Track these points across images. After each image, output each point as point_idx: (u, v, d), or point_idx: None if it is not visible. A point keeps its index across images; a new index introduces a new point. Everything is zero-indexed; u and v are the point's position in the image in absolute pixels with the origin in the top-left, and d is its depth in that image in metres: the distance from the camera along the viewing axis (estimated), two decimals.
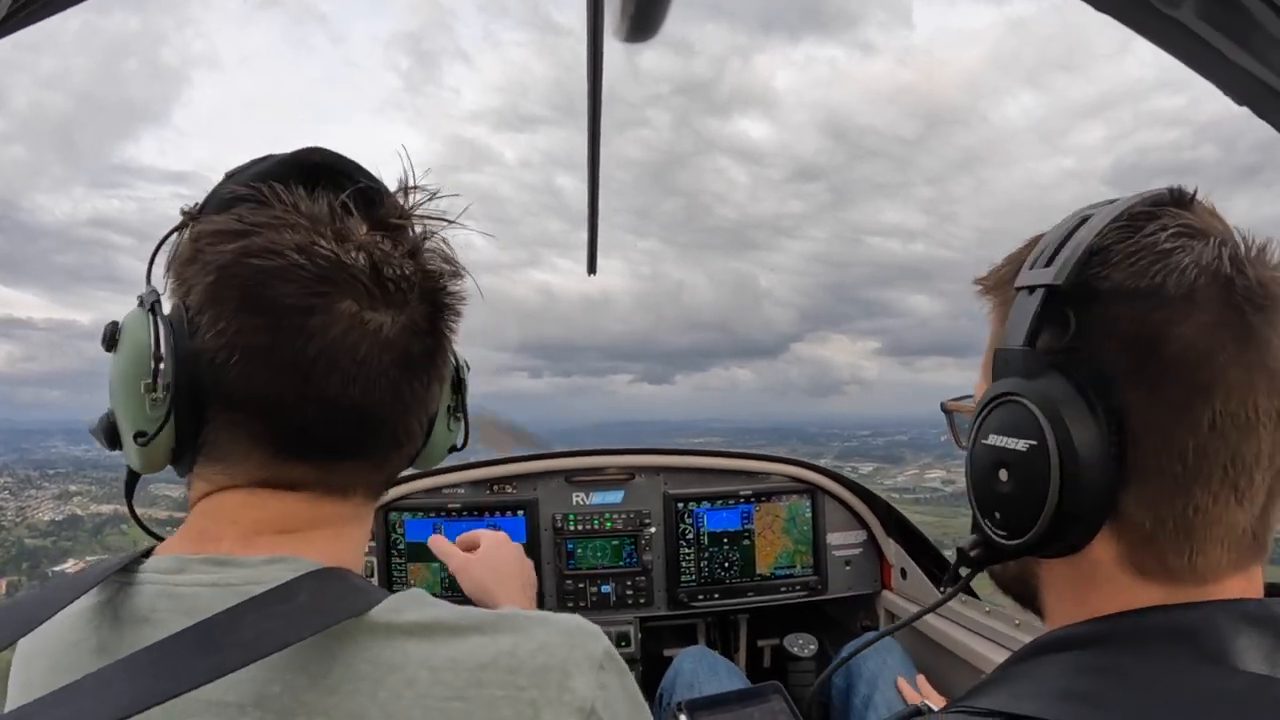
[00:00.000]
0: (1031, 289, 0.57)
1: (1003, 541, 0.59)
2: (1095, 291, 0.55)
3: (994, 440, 0.58)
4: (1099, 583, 0.58)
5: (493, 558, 1.19)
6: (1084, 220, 0.58)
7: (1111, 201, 0.59)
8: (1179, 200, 0.58)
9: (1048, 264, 0.56)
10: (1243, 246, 0.54)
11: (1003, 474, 0.58)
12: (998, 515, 0.59)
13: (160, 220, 0.65)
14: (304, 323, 0.59)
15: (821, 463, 2.46)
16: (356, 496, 0.67)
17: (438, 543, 1.25)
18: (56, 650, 0.59)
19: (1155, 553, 0.55)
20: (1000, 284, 0.65)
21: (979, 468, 0.60)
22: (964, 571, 0.66)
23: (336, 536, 0.65)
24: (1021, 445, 0.56)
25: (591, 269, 1.99)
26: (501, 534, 1.26)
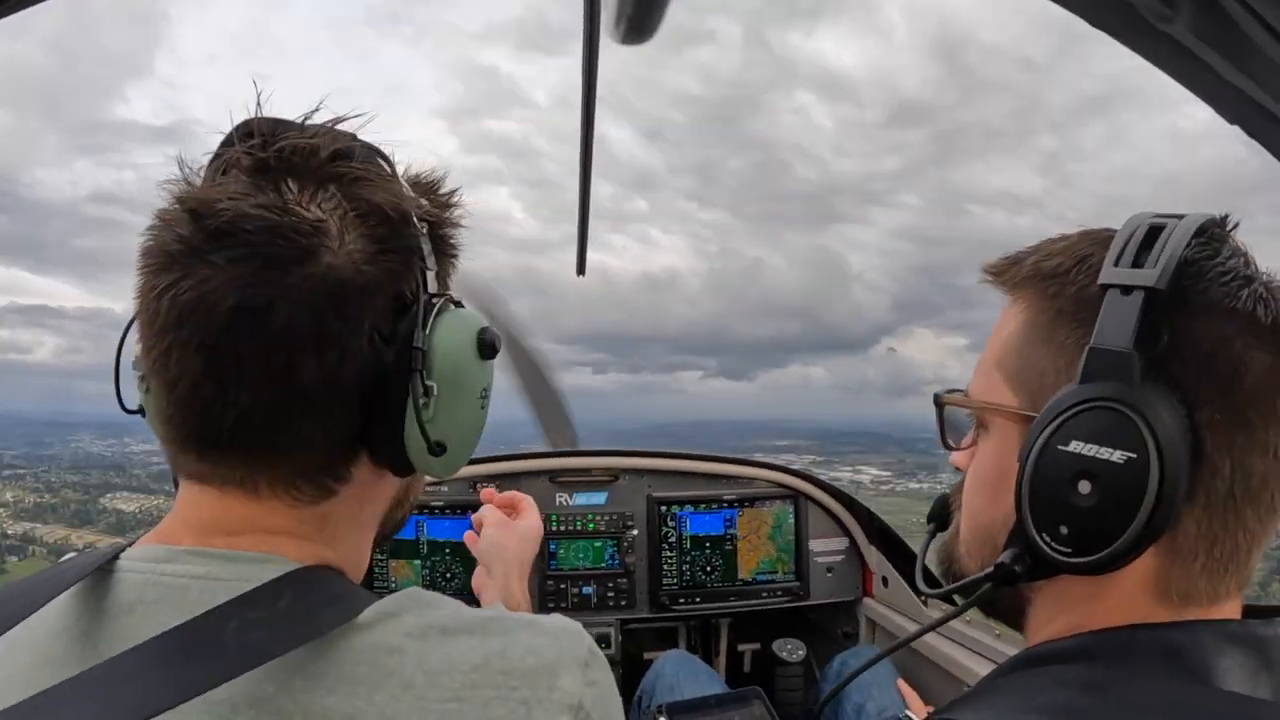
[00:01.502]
0: (1126, 289, 0.54)
1: (1063, 560, 0.54)
2: (1190, 304, 0.54)
3: (1079, 448, 0.54)
4: (1108, 603, 0.57)
5: (489, 548, 1.24)
6: (1157, 228, 0.56)
7: (1162, 215, 0.58)
8: (1224, 227, 0.59)
9: (1135, 265, 0.54)
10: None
11: (1084, 486, 0.53)
12: (1064, 530, 0.54)
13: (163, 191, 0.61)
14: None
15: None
16: (267, 494, 0.60)
17: (470, 538, 1.31)
18: (40, 641, 0.57)
19: (1188, 575, 0.55)
20: (1039, 281, 0.62)
21: (1048, 476, 0.55)
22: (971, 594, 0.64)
23: (300, 541, 0.62)
24: (1118, 457, 0.52)
25: (581, 270, 1.99)
26: (498, 516, 1.29)
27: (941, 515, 0.74)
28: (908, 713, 1.62)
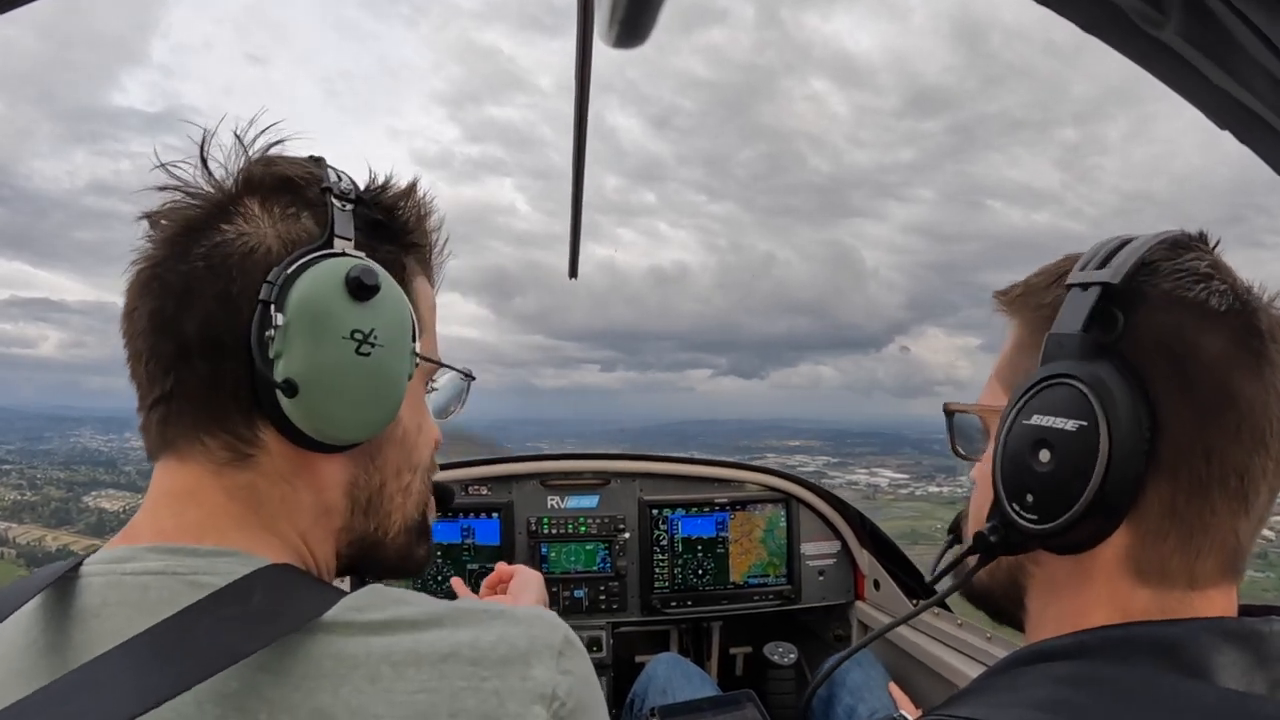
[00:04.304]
0: (1085, 285, 0.60)
1: (1030, 525, 0.59)
2: (1144, 296, 0.59)
3: (1039, 420, 0.60)
4: (1095, 584, 0.59)
5: (530, 579, 1.25)
6: (1127, 241, 0.62)
7: (1137, 236, 0.64)
8: (1204, 241, 0.63)
9: (1100, 267, 0.60)
10: (1259, 291, 0.60)
11: (1044, 454, 0.59)
12: (1030, 498, 0.60)
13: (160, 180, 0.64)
14: None
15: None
16: (185, 450, 0.62)
17: (460, 587, 1.35)
18: (8, 654, 0.57)
19: (1160, 553, 0.57)
20: (1026, 298, 0.68)
21: (1015, 449, 0.61)
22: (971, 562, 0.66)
23: (245, 531, 0.61)
24: (1070, 425, 0.57)
25: (573, 273, 1.98)
26: (518, 574, 1.29)
27: (959, 528, 0.78)
28: (902, 713, 1.62)
